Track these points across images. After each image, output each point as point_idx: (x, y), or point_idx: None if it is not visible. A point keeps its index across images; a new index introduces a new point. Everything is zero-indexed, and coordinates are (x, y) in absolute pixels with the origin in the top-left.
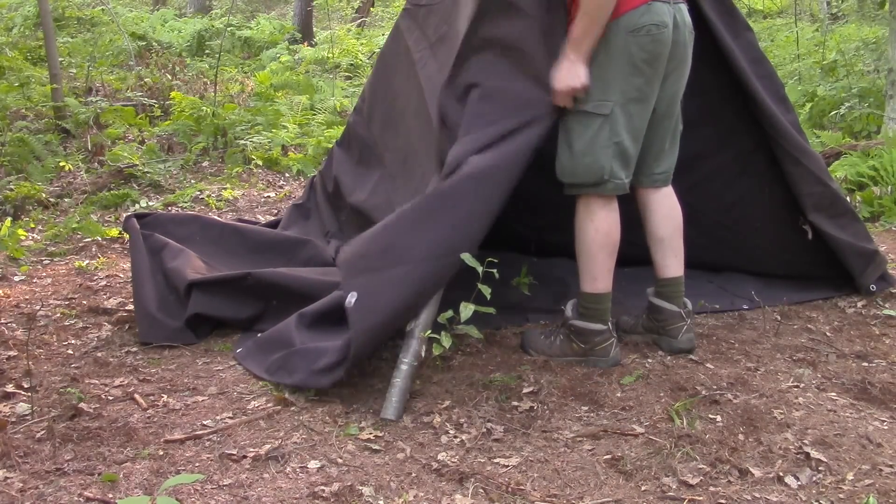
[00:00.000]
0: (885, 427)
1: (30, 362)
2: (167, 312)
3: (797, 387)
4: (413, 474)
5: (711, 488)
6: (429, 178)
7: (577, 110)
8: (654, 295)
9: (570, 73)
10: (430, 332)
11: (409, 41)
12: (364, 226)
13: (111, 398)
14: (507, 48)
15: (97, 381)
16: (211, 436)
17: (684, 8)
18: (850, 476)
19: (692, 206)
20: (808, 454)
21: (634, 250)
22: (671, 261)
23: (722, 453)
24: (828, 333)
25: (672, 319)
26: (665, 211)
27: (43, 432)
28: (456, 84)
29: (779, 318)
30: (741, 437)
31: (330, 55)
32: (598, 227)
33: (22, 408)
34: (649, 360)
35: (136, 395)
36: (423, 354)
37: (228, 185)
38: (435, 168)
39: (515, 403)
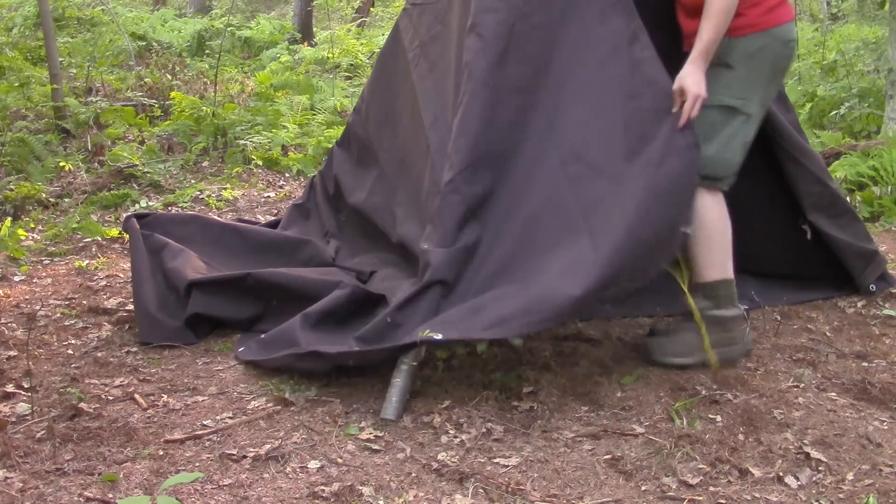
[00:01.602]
0: (885, 427)
1: (30, 362)
2: (167, 312)
3: (797, 387)
4: (413, 474)
5: (711, 488)
6: (423, 178)
7: (720, 104)
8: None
9: (700, 80)
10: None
11: (405, 41)
12: (363, 226)
13: (111, 398)
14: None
15: (97, 381)
16: (211, 436)
17: None
18: (850, 476)
19: None
20: (808, 454)
21: None
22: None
23: (722, 453)
24: (828, 333)
25: (735, 323)
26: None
27: (43, 432)
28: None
29: (779, 318)
30: (741, 437)
31: (330, 55)
32: (723, 213)
33: (22, 408)
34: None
35: (136, 395)
36: (422, 354)
37: (228, 185)
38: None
39: (515, 403)
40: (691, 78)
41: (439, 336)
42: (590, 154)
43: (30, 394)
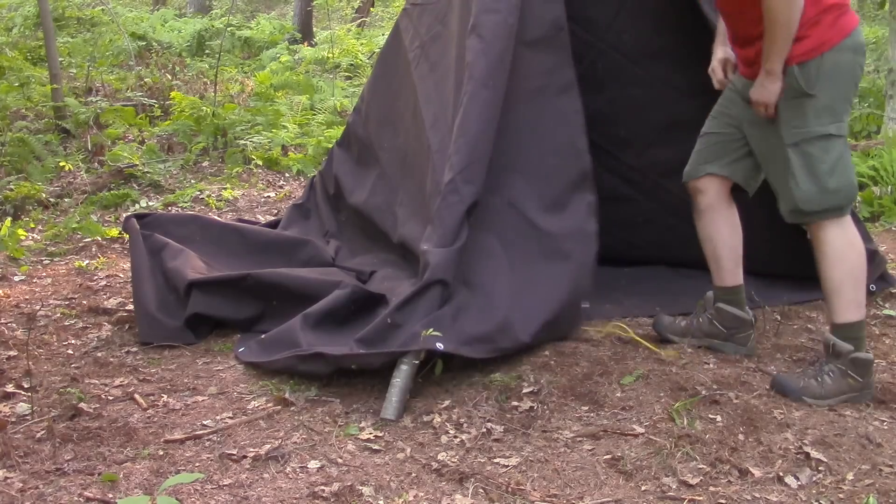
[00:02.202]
0: (885, 427)
1: (30, 362)
2: (167, 312)
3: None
4: (413, 474)
5: (711, 488)
6: (425, 179)
7: (816, 135)
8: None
9: (765, 90)
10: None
11: (406, 41)
12: (364, 226)
13: (111, 398)
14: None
15: (97, 381)
16: (211, 436)
17: None
18: (850, 476)
19: (692, 205)
20: (808, 454)
21: (635, 251)
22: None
23: (722, 453)
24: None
25: (742, 327)
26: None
27: (43, 432)
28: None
29: (779, 318)
30: (741, 437)
31: (330, 55)
32: (855, 246)
33: (22, 408)
34: (649, 361)
35: (136, 395)
36: (422, 355)
37: (228, 185)
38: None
39: (515, 403)
40: (757, 90)
41: (440, 346)
42: (528, 196)
43: (30, 394)
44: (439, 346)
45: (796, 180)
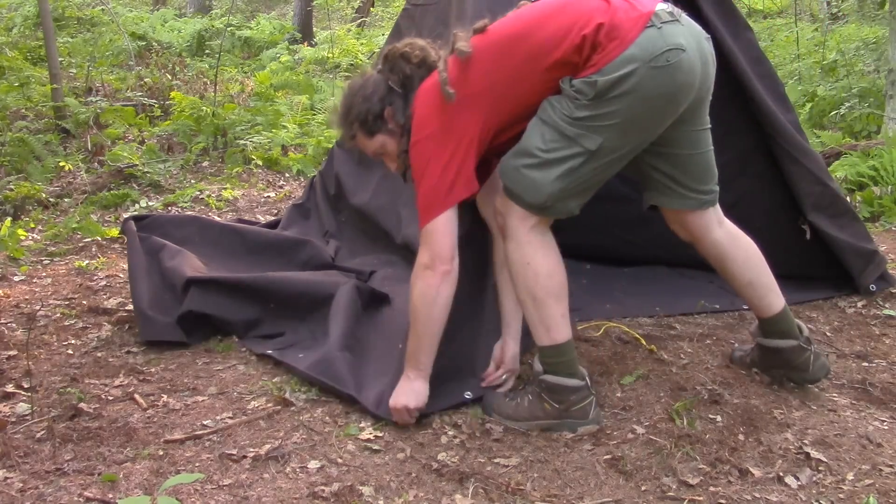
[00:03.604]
0: (885, 427)
1: (30, 362)
2: (159, 309)
3: (797, 387)
4: (413, 474)
5: (711, 488)
6: None
7: None
8: (769, 336)
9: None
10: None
11: None
12: (364, 227)
13: (111, 398)
14: None
15: (97, 381)
16: (211, 436)
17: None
18: (850, 476)
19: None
20: (808, 454)
21: (635, 251)
22: (772, 297)
23: (722, 453)
24: (828, 333)
25: (796, 356)
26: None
27: (43, 432)
28: None
29: None
30: (741, 437)
31: (330, 55)
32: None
33: (22, 408)
34: (649, 361)
35: (136, 395)
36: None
37: (228, 185)
38: None
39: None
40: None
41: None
42: None
43: (30, 394)
44: (467, 395)
45: None
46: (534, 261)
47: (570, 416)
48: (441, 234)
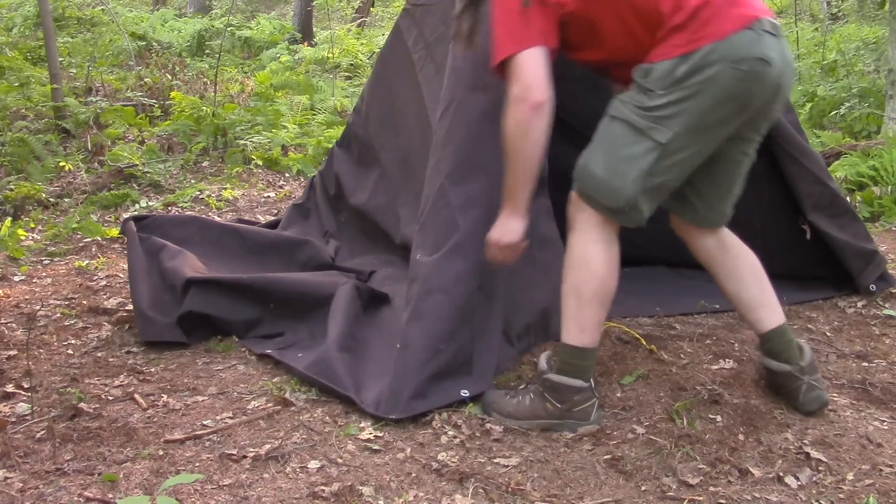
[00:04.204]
0: (885, 427)
1: (30, 362)
2: (158, 310)
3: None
4: (413, 474)
5: (711, 488)
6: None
7: None
8: (763, 355)
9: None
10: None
11: (409, 41)
12: (364, 227)
13: (111, 398)
14: None
15: (97, 381)
16: (211, 436)
17: None
18: (850, 476)
19: None
20: (808, 454)
21: (635, 251)
22: (758, 313)
23: (722, 453)
24: (828, 333)
25: (786, 381)
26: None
27: (43, 432)
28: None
29: None
30: (741, 437)
31: (330, 55)
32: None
33: (22, 408)
34: (649, 361)
35: (136, 395)
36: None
37: (228, 185)
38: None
39: None
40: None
41: (466, 392)
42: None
43: (30, 394)
44: (464, 392)
45: None
46: (593, 261)
47: (572, 416)
48: (530, 65)
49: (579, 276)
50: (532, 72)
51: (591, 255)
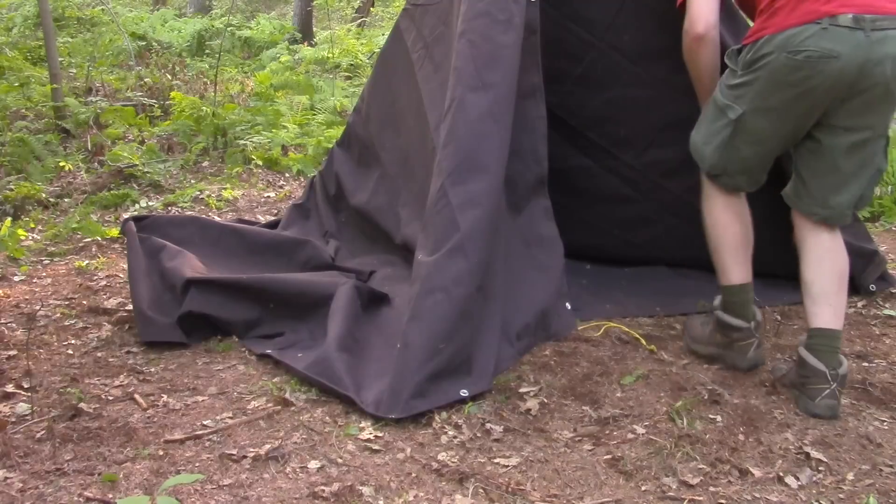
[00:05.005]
0: (885, 427)
1: (30, 362)
2: (158, 310)
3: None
4: (413, 474)
5: (711, 488)
6: (429, 180)
7: None
8: (804, 345)
9: None
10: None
11: (408, 41)
12: (364, 227)
13: (111, 398)
14: None
15: (97, 381)
16: (211, 436)
17: None
18: (850, 476)
19: (692, 205)
20: (808, 454)
21: (635, 251)
22: (820, 308)
23: (722, 453)
24: None
25: (814, 378)
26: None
27: (43, 432)
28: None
29: (779, 318)
30: (741, 437)
31: (330, 55)
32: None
33: (22, 408)
34: (649, 361)
35: (136, 395)
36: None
37: (228, 185)
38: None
39: (515, 403)
40: None
41: (465, 392)
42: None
43: (30, 394)
44: (463, 392)
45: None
46: (711, 214)
47: (733, 350)
48: (698, 2)
49: (706, 230)
50: (697, 8)
51: (708, 211)
